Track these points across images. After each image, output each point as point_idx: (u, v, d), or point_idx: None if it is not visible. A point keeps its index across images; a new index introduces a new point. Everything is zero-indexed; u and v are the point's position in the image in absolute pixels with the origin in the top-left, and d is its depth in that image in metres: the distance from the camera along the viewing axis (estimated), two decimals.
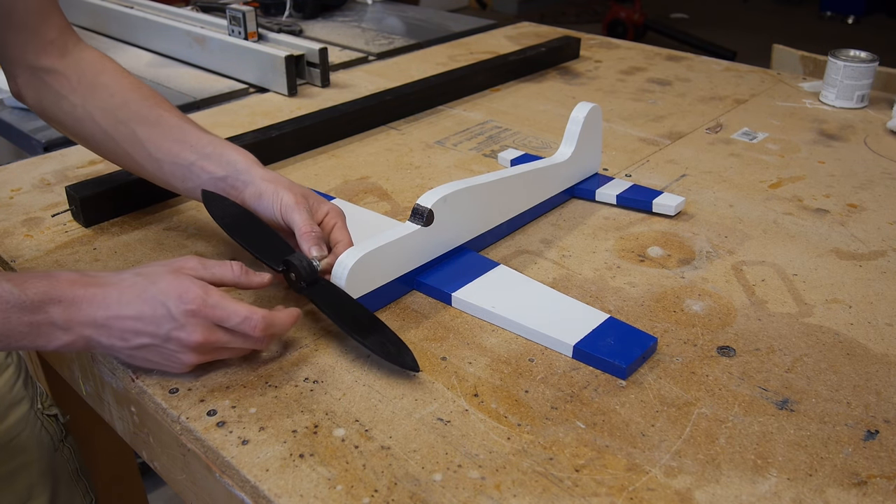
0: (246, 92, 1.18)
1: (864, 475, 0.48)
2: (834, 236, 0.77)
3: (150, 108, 0.67)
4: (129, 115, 0.67)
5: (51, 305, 0.50)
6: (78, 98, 0.67)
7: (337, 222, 0.64)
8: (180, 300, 0.52)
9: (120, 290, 0.52)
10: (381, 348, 0.56)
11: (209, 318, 0.53)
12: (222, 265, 0.57)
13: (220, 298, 0.53)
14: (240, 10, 1.22)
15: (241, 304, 0.54)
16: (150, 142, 0.66)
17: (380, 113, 1.05)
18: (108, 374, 0.60)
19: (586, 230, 0.78)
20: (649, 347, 0.58)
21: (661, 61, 1.37)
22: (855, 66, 1.10)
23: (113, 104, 0.67)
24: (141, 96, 0.68)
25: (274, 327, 0.55)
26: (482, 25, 1.61)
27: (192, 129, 0.67)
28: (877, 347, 0.60)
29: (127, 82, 0.68)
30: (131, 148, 0.67)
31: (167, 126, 0.67)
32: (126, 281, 0.53)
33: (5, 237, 0.76)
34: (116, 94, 0.67)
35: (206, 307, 0.52)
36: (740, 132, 1.04)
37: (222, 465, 0.50)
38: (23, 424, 0.75)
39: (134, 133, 0.66)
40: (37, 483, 0.75)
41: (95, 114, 0.67)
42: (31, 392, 0.78)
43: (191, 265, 0.55)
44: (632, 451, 0.50)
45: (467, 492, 0.47)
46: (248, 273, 0.58)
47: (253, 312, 0.54)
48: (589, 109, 0.81)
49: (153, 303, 0.52)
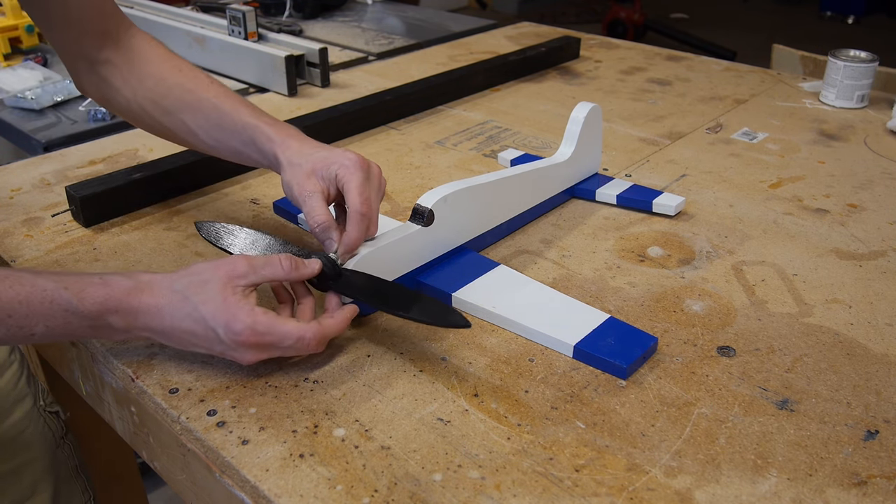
0: (246, 92, 1.18)
1: (864, 475, 0.48)
2: (834, 236, 0.77)
3: (190, 92, 0.67)
4: (174, 103, 0.67)
5: (109, 315, 0.52)
6: (129, 91, 0.68)
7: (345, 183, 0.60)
8: (228, 329, 0.52)
9: (172, 305, 0.52)
10: (428, 315, 0.55)
11: (260, 344, 0.53)
12: (271, 264, 0.56)
13: (270, 323, 0.53)
14: (240, 10, 1.22)
15: (291, 324, 0.53)
16: (201, 129, 0.67)
17: (380, 113, 1.05)
18: (107, 373, 0.60)
19: (586, 230, 0.78)
20: (650, 347, 0.58)
21: (661, 61, 1.37)
22: (855, 66, 1.10)
23: (159, 93, 0.67)
24: (182, 80, 0.68)
25: (326, 337, 0.55)
26: (482, 25, 1.61)
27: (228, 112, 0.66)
28: (877, 347, 0.60)
29: (169, 66, 0.68)
30: (187, 136, 0.68)
31: (207, 111, 0.67)
32: (178, 294, 0.53)
33: (5, 237, 0.76)
34: (160, 83, 0.67)
35: (255, 336, 0.52)
36: (740, 132, 1.04)
37: (222, 465, 0.50)
38: (27, 421, 0.76)
39: (184, 122, 0.67)
40: (41, 479, 0.76)
41: (146, 105, 0.68)
42: (33, 389, 0.78)
43: (240, 270, 0.54)
44: (632, 451, 0.50)
45: (467, 492, 0.47)
46: (297, 266, 0.57)
47: (304, 332, 0.53)
48: (589, 109, 0.81)
49: (203, 325, 0.52)
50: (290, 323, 0.54)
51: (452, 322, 0.55)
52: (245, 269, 0.54)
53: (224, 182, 0.88)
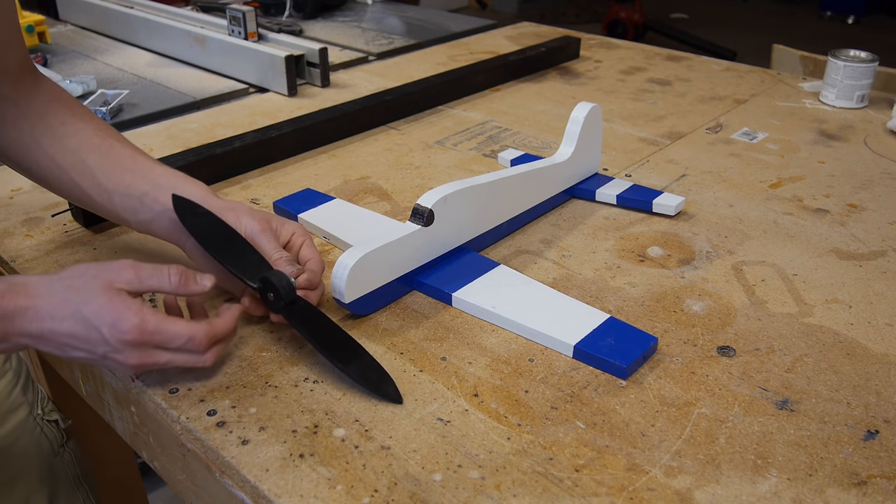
0: (246, 92, 1.18)
1: (864, 475, 0.48)
2: (834, 236, 0.77)
3: (101, 137, 0.64)
4: (80, 143, 0.63)
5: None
6: (26, 124, 0.63)
7: (304, 241, 0.62)
8: (114, 328, 0.49)
9: (51, 304, 0.49)
10: (363, 376, 0.54)
11: (148, 344, 0.51)
12: (158, 274, 0.53)
13: (159, 322, 0.51)
14: (240, 10, 1.22)
15: (181, 324, 0.52)
16: (101, 171, 0.62)
17: (380, 113, 1.05)
18: (108, 374, 0.60)
19: (586, 230, 0.78)
20: (650, 347, 0.58)
21: (661, 61, 1.37)
22: (855, 66, 1.10)
23: (63, 132, 0.63)
24: (93, 126, 0.65)
25: (217, 337, 0.54)
26: (482, 25, 1.61)
27: (144, 160, 0.64)
28: (877, 347, 0.60)
29: (80, 111, 0.66)
30: (80, 177, 0.63)
31: (119, 156, 0.63)
32: (57, 295, 0.50)
33: (5, 237, 0.76)
34: (67, 122, 0.64)
35: (143, 335, 0.50)
36: (740, 132, 1.04)
37: (222, 465, 0.50)
38: (20, 431, 0.74)
39: (84, 162, 0.63)
40: (34, 490, 0.74)
41: (43, 140, 0.63)
42: (31, 398, 0.77)
43: (125, 278, 0.51)
44: (632, 451, 0.50)
45: (467, 492, 0.47)
46: (187, 281, 0.54)
47: (195, 331, 0.52)
48: (589, 109, 0.81)
49: (86, 325, 0.49)
50: (179, 323, 0.52)
51: (385, 394, 0.54)
52: (129, 278, 0.52)
53: (224, 182, 0.88)
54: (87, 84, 1.12)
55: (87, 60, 1.32)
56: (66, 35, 1.50)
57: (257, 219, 0.61)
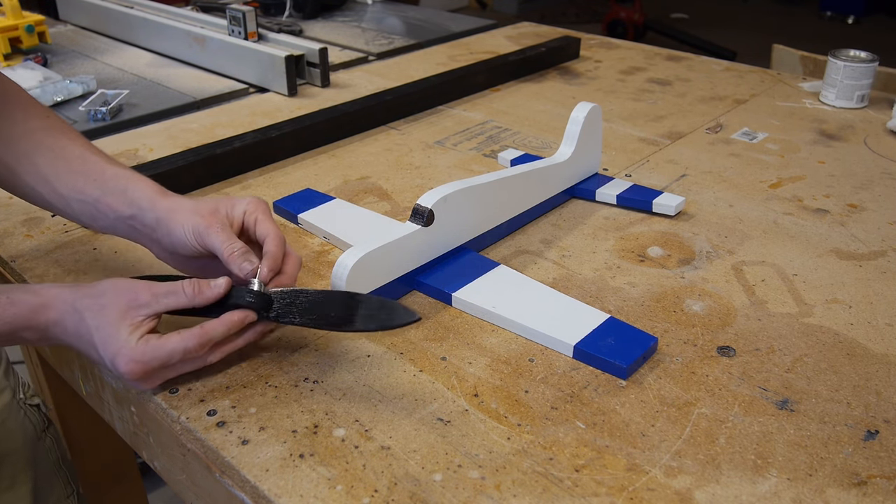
0: (246, 92, 1.18)
1: (864, 475, 0.48)
2: (834, 236, 0.77)
3: (54, 137, 0.63)
4: (32, 146, 0.62)
5: (22, 332, 0.53)
6: None
7: (257, 216, 0.59)
8: (114, 366, 0.52)
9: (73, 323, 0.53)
10: (373, 322, 0.54)
11: (149, 371, 0.53)
12: (174, 293, 0.54)
13: (155, 349, 0.52)
14: (240, 10, 1.22)
15: (173, 340, 0.52)
16: (55, 176, 0.61)
17: (380, 113, 1.05)
18: (107, 374, 0.60)
19: (586, 230, 0.78)
20: (650, 347, 0.58)
21: (661, 61, 1.37)
22: (855, 66, 1.10)
23: (16, 134, 0.62)
24: (45, 125, 0.63)
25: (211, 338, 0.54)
26: (482, 25, 1.61)
27: (95, 160, 0.62)
28: (877, 347, 0.60)
29: (33, 109, 0.64)
30: (36, 183, 0.62)
31: (69, 157, 0.62)
32: (77, 315, 0.53)
33: (5, 237, 0.76)
34: (19, 123, 0.62)
35: (142, 367, 0.52)
36: (740, 132, 1.04)
37: (222, 466, 0.50)
38: (6, 413, 0.75)
39: (37, 167, 0.62)
40: (21, 471, 0.75)
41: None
42: (12, 382, 0.78)
43: (142, 300, 0.53)
44: (632, 451, 0.50)
45: (467, 492, 0.47)
46: (201, 290, 0.55)
47: (187, 341, 0.53)
48: (589, 109, 0.81)
49: (95, 352, 0.53)
50: (171, 340, 0.52)
51: (402, 321, 0.53)
52: (147, 299, 0.53)
53: (224, 182, 0.88)
54: (87, 84, 1.12)
55: (87, 60, 1.33)
56: (66, 35, 1.50)
57: (203, 213, 0.59)
